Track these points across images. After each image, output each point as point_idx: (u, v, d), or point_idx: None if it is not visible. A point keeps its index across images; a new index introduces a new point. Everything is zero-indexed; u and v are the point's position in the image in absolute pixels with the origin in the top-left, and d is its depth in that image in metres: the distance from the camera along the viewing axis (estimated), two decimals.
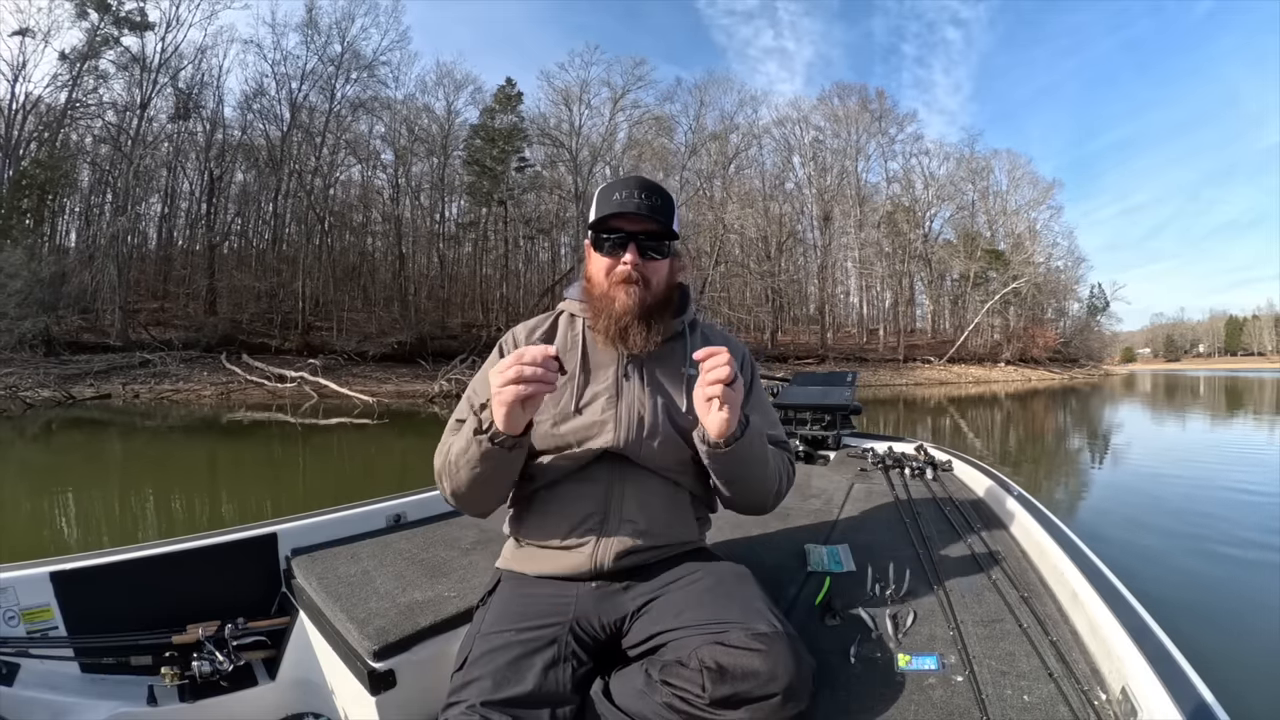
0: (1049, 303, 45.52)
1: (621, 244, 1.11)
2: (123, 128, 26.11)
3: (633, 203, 1.08)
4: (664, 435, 1.12)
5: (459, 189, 32.21)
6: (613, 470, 1.12)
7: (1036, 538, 1.52)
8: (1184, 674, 0.85)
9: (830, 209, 39.74)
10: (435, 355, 24.29)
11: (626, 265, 1.10)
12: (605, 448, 1.10)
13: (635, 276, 1.10)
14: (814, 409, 3.10)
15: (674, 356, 1.19)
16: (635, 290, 1.10)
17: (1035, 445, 9.83)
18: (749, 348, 1.36)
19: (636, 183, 1.11)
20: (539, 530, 1.13)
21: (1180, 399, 21.32)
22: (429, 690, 1.20)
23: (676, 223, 1.14)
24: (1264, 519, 4.66)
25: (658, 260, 1.13)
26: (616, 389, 1.13)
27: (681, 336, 1.21)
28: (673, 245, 1.16)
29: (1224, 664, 2.36)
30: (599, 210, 1.12)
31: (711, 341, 1.22)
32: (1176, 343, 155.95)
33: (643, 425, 1.11)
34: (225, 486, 6.51)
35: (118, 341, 21.40)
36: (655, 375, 1.16)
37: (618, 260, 1.11)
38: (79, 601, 1.32)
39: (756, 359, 1.36)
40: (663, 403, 1.14)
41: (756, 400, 1.25)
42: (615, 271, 1.11)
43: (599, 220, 1.11)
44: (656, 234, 1.12)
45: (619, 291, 1.11)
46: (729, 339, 1.28)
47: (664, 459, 1.13)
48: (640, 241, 1.11)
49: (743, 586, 1.08)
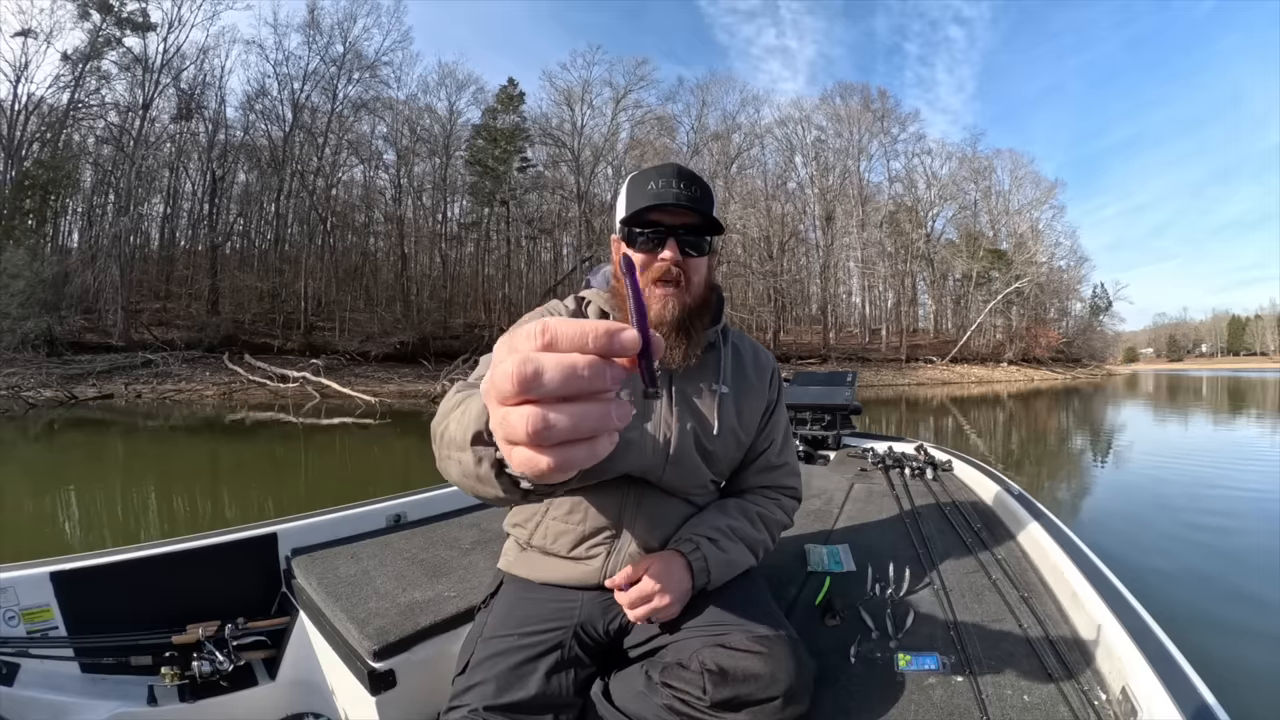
0: (1051, 302, 45.47)
1: (659, 239, 0.98)
2: (125, 128, 26.21)
3: (671, 193, 0.96)
4: (689, 462, 1.05)
5: (461, 189, 32.25)
6: (629, 490, 1.05)
7: (1036, 538, 1.52)
8: (1184, 674, 0.85)
9: (832, 209, 39.68)
10: (437, 355, 24.35)
11: (665, 261, 0.97)
12: (625, 473, 1.02)
13: (675, 275, 0.98)
14: (814, 409, 3.10)
15: (706, 371, 1.09)
16: (674, 294, 0.98)
17: (1038, 445, 9.80)
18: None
19: (674, 171, 0.98)
20: (545, 538, 1.08)
21: (1182, 399, 21.26)
22: (429, 690, 1.20)
23: (715, 212, 1.01)
24: (1265, 519, 4.64)
25: (698, 258, 1.01)
26: (644, 409, 1.02)
27: (714, 348, 1.11)
28: (712, 241, 1.03)
29: (1224, 664, 2.36)
30: (632, 202, 0.99)
31: (743, 354, 1.16)
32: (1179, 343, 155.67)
33: (668, 451, 1.03)
34: (227, 486, 6.52)
35: (120, 341, 21.45)
36: (685, 393, 1.06)
37: (654, 257, 0.98)
38: (79, 601, 1.33)
39: None
40: (691, 426, 1.05)
41: (775, 423, 1.18)
42: (652, 269, 0.98)
43: (634, 213, 0.98)
44: (697, 228, 1.00)
45: (654, 293, 0.98)
46: (759, 350, 1.21)
47: (685, 483, 1.07)
48: (680, 236, 0.98)
49: (744, 587, 1.07)
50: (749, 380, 1.14)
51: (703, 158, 35.21)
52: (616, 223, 1.04)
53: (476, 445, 0.60)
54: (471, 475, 0.64)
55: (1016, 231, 42.74)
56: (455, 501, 2.00)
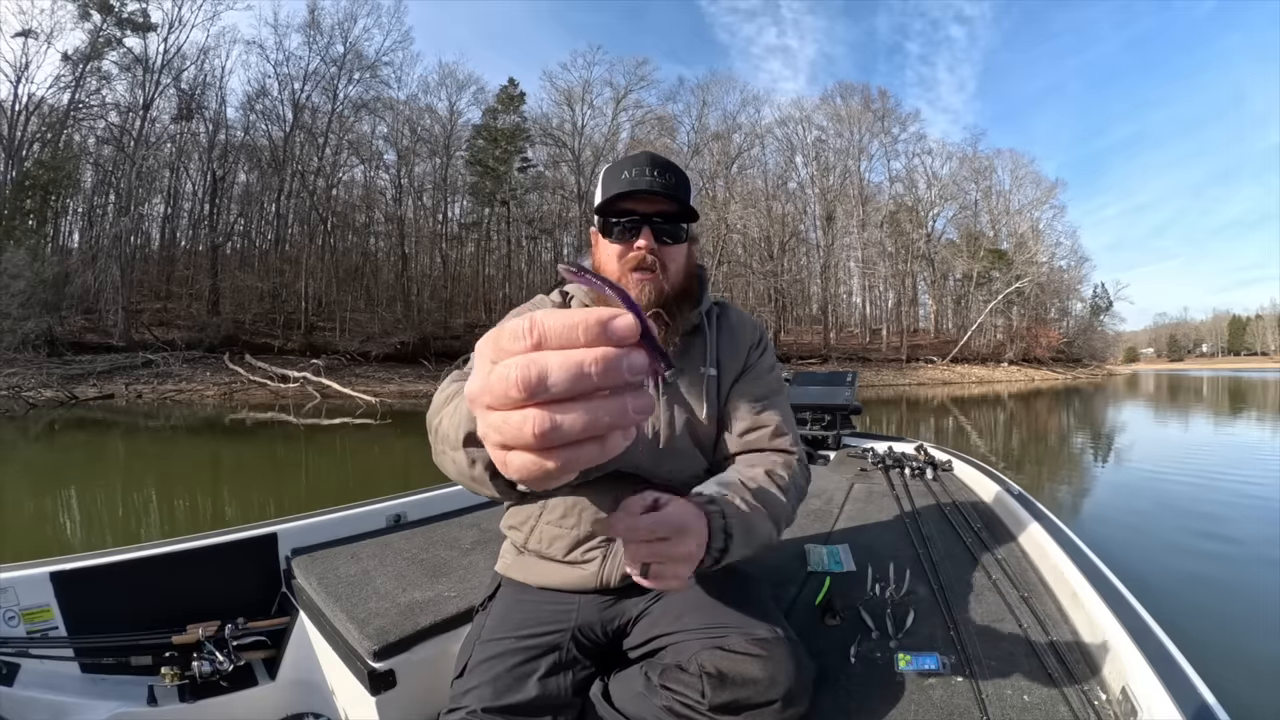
0: (1052, 302, 45.48)
1: (634, 228, 0.97)
2: (125, 128, 26.26)
3: (645, 180, 0.94)
4: (681, 451, 1.04)
5: (462, 189, 32.28)
6: (621, 489, 1.00)
7: (1036, 538, 1.52)
8: (1184, 674, 0.85)
9: (833, 209, 39.68)
10: (438, 355, 24.40)
11: (640, 250, 0.96)
12: (615, 468, 1.00)
13: (651, 263, 0.97)
14: (814, 409, 3.10)
15: (692, 354, 1.07)
16: (651, 280, 0.97)
17: (1038, 445, 9.80)
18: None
19: (647, 159, 0.97)
20: (540, 542, 1.07)
21: (1183, 399, 21.25)
22: (429, 690, 1.20)
23: (694, 201, 1.00)
24: (1265, 520, 4.64)
25: (674, 245, 1.00)
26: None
27: (699, 331, 1.09)
28: (690, 228, 1.02)
29: (1224, 664, 2.35)
30: (606, 191, 0.98)
31: (734, 328, 1.13)
32: (1180, 343, 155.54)
33: (658, 443, 1.02)
34: (228, 486, 6.52)
35: (121, 342, 21.49)
36: (671, 381, 1.04)
37: (630, 246, 0.97)
38: (79, 601, 1.33)
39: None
40: (681, 414, 1.04)
41: (767, 385, 1.11)
42: (627, 258, 0.97)
43: (607, 202, 0.97)
44: (673, 215, 0.99)
45: (631, 282, 0.97)
46: (746, 319, 1.17)
47: (679, 475, 1.05)
48: (655, 224, 0.98)
49: (744, 588, 1.07)
50: (737, 358, 1.11)
51: (703, 158, 35.26)
52: (593, 215, 1.02)
53: (469, 446, 0.58)
54: (466, 475, 0.63)
55: (1017, 231, 42.74)
56: (455, 501, 2.00)
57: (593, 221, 1.04)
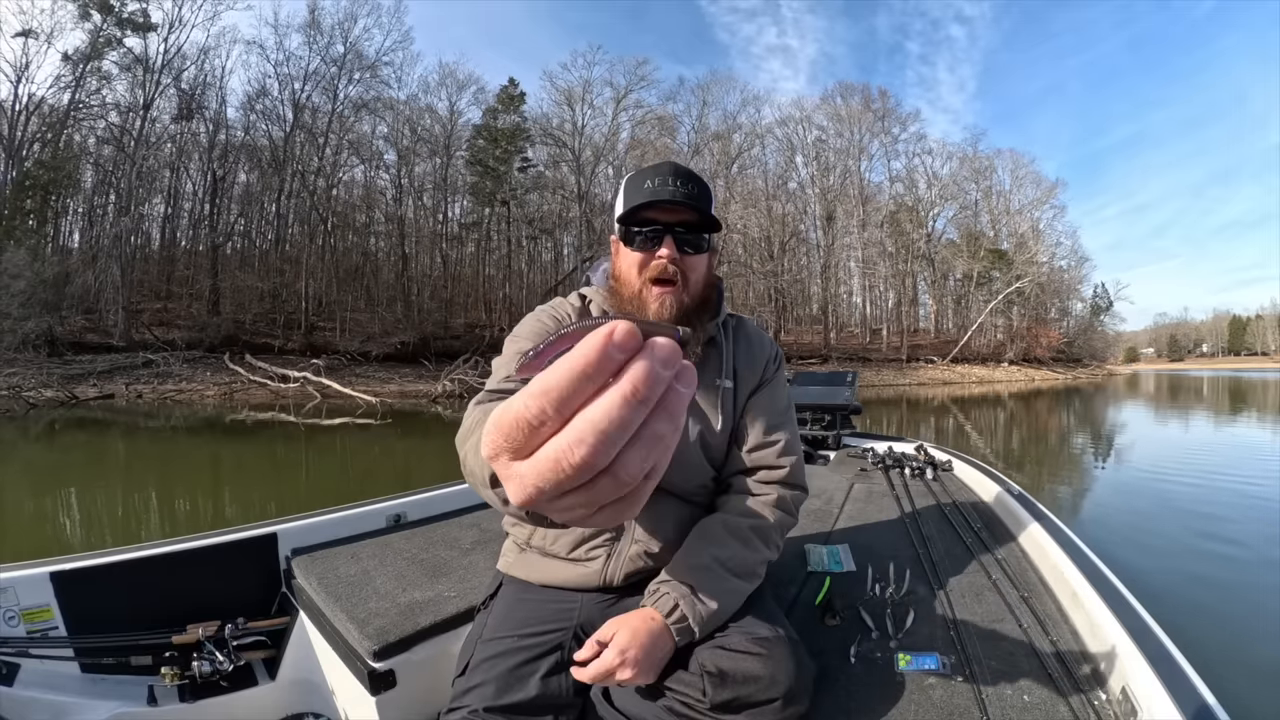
0: (1052, 302, 45.47)
1: (656, 237, 0.98)
2: (126, 128, 26.24)
3: (667, 190, 0.96)
4: (692, 462, 1.04)
5: (462, 189, 32.25)
6: None
7: (1036, 538, 1.52)
8: (1184, 674, 0.85)
9: (833, 209, 39.66)
10: (438, 355, 24.37)
11: (662, 260, 0.97)
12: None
13: (672, 274, 0.98)
14: (814, 409, 3.10)
15: (708, 366, 1.07)
16: (671, 293, 0.98)
17: (1038, 445, 9.79)
18: None
19: (670, 169, 0.99)
20: (544, 539, 1.07)
21: (1184, 399, 21.24)
22: (429, 690, 1.20)
23: (714, 211, 1.02)
24: (1265, 520, 4.64)
25: (695, 255, 1.01)
26: None
27: (716, 343, 1.09)
28: (711, 238, 1.03)
29: (1224, 664, 2.36)
30: (629, 200, 0.99)
31: (750, 342, 1.14)
32: (1180, 343, 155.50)
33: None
34: (228, 486, 6.52)
35: (121, 342, 21.48)
36: None
37: (652, 255, 0.98)
38: (79, 601, 1.32)
39: None
40: (695, 425, 1.04)
41: (781, 402, 1.13)
42: (649, 268, 0.98)
43: (629, 211, 0.98)
44: (695, 225, 1.00)
45: (651, 296, 0.98)
46: (760, 338, 1.17)
47: (688, 484, 1.06)
48: (677, 234, 0.98)
49: None
50: (754, 371, 1.13)
51: (703, 158, 35.24)
52: (615, 224, 1.03)
53: (498, 487, 0.55)
54: (497, 507, 0.62)
55: (1017, 231, 42.73)
56: (455, 501, 2.00)
57: (614, 230, 1.05)
